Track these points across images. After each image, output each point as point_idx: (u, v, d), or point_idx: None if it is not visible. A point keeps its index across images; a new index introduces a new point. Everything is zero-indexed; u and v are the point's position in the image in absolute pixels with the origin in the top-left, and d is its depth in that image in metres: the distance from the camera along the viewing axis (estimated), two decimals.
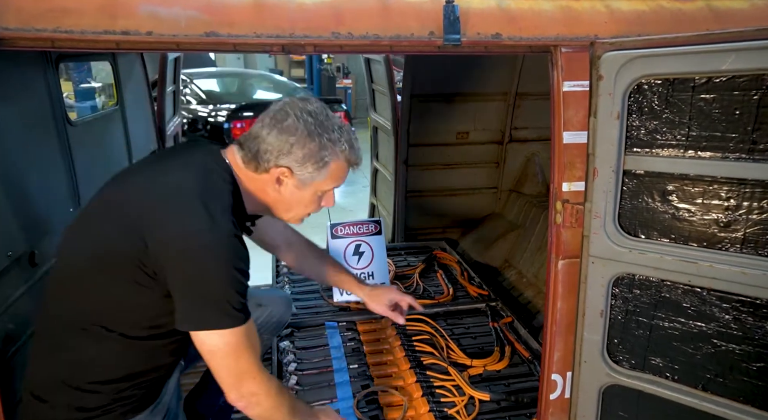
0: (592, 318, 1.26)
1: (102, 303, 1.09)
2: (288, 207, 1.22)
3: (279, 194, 1.18)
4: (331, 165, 1.16)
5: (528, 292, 2.72)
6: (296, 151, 1.12)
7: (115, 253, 1.06)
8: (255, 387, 1.10)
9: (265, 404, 1.13)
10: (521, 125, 3.23)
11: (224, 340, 1.06)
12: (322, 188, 1.19)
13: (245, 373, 1.09)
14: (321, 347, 2.06)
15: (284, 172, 1.14)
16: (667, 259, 1.10)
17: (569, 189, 1.27)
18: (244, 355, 1.08)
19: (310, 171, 1.15)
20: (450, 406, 1.71)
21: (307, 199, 1.20)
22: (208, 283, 1.03)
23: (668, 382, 1.19)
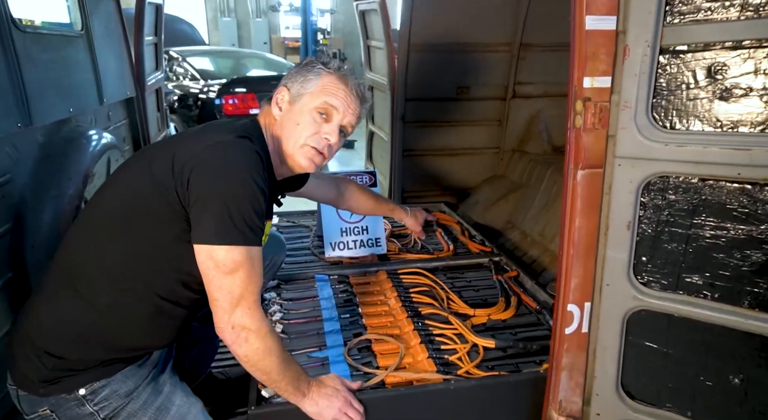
0: (618, 233, 1.09)
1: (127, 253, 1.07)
2: (286, 132, 1.20)
3: (280, 122, 1.21)
4: (323, 76, 1.19)
5: (533, 251, 2.55)
6: (293, 72, 1.23)
7: (142, 189, 1.06)
8: (248, 320, 1.05)
9: (254, 344, 1.07)
10: (525, 80, 3.05)
11: (231, 257, 1.01)
12: (314, 102, 1.18)
13: (242, 300, 1.04)
14: (310, 299, 1.89)
15: (281, 91, 1.22)
16: (711, 151, 0.93)
17: (591, 85, 1.09)
18: (246, 279, 1.04)
19: (301, 81, 1.20)
20: (451, 354, 1.54)
21: (299, 115, 1.19)
22: (228, 194, 1.00)
23: (706, 302, 1.02)
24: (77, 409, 1.06)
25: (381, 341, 1.60)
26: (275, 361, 1.11)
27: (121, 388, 1.09)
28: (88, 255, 1.09)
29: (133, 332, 1.11)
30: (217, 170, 1.02)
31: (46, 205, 1.35)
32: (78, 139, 1.55)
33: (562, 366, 1.26)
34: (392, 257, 2.28)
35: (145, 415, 1.11)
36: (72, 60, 1.67)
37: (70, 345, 1.06)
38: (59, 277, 1.10)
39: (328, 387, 1.25)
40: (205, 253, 1.02)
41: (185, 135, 1.19)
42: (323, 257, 2.26)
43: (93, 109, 1.87)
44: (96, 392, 1.07)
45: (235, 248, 1.01)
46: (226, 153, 1.05)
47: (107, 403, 1.08)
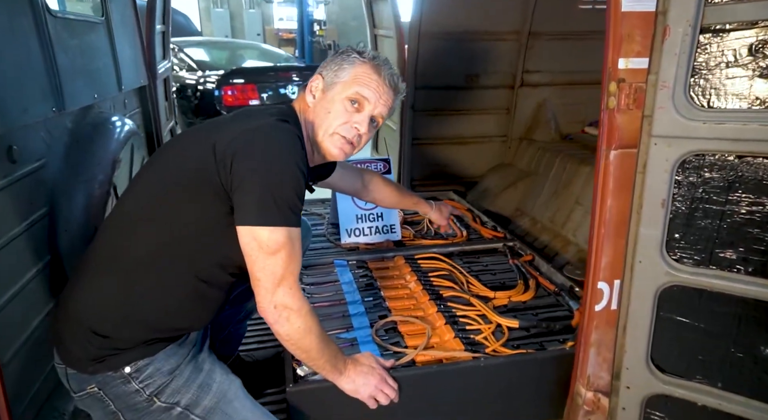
0: (651, 210, 1.12)
1: (168, 237, 1.08)
2: (319, 120, 1.22)
3: (313, 110, 1.22)
4: (357, 65, 1.20)
5: (544, 237, 2.59)
6: (328, 61, 1.25)
7: (184, 172, 1.08)
8: (289, 300, 1.07)
9: (296, 323, 1.09)
10: (533, 69, 3.07)
11: (274, 238, 1.03)
12: (347, 91, 1.20)
13: (284, 280, 1.06)
14: (331, 283, 1.91)
15: (316, 79, 1.23)
16: (751, 127, 0.96)
17: (626, 66, 1.12)
18: (287, 260, 1.05)
19: (336, 69, 1.21)
20: (476, 334, 1.57)
21: (331, 104, 1.20)
22: (272, 176, 1.02)
23: (739, 276, 1.06)
24: (123, 386, 1.08)
25: (407, 322, 1.62)
26: (315, 340, 1.13)
27: (164, 366, 1.11)
28: (129, 239, 1.10)
29: (173, 314, 1.12)
30: (260, 153, 1.03)
31: (78, 190, 1.35)
32: (104, 124, 1.55)
33: (591, 342, 1.30)
34: (407, 243, 2.31)
35: (189, 391, 1.12)
36: (95, 46, 1.66)
37: (113, 325, 1.08)
38: (102, 261, 1.11)
39: (363, 365, 1.27)
40: (249, 234, 1.03)
41: (222, 121, 1.19)
42: (339, 244, 2.28)
43: (113, 96, 1.87)
44: (140, 370, 1.09)
45: (278, 229, 1.03)
46: (269, 135, 1.06)
47: (152, 380, 1.10)
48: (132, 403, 1.10)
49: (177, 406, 1.11)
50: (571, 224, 2.49)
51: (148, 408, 1.10)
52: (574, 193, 2.54)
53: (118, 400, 1.09)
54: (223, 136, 1.06)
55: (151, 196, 1.11)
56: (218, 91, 5.82)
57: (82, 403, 1.13)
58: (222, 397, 1.15)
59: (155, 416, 1.11)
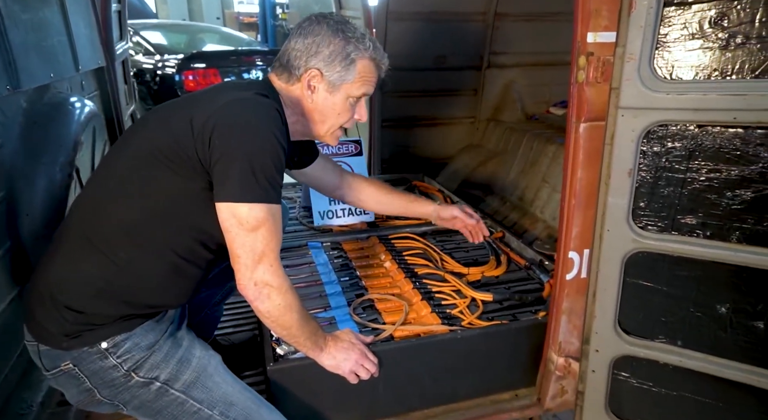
0: (619, 180, 1.16)
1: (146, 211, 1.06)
2: (322, 117, 1.21)
3: (313, 103, 1.19)
4: (359, 63, 1.17)
5: (513, 215, 2.66)
6: (322, 49, 1.15)
7: (160, 146, 1.04)
8: (269, 277, 1.06)
9: (276, 300, 1.08)
10: (500, 50, 3.11)
11: (254, 214, 1.01)
12: (353, 92, 1.19)
13: (264, 257, 1.05)
14: (306, 265, 1.91)
15: (314, 74, 1.16)
16: (710, 97, 1.01)
17: (594, 40, 1.15)
18: (267, 236, 1.04)
19: (339, 70, 1.16)
20: (452, 308, 1.61)
21: (340, 105, 1.20)
22: (252, 151, 1.00)
23: (699, 240, 1.12)
24: (100, 362, 1.06)
25: (384, 300, 1.64)
26: (295, 317, 1.13)
27: (142, 341, 1.09)
28: (106, 213, 1.06)
29: (151, 290, 1.10)
30: (239, 127, 1.01)
31: (39, 174, 1.28)
32: (63, 105, 1.47)
33: (563, 310, 1.35)
34: (380, 224, 2.32)
35: (168, 366, 1.10)
36: (49, 22, 1.56)
37: (89, 300, 1.05)
38: (77, 236, 1.07)
39: (344, 341, 1.28)
40: (228, 210, 1.02)
41: (199, 95, 1.16)
42: (313, 226, 2.26)
43: (69, 77, 1.77)
44: (118, 345, 1.06)
45: (258, 206, 1.02)
46: (247, 109, 1.03)
47: (130, 355, 1.07)
48: (108, 379, 1.07)
49: (156, 381, 1.09)
50: (538, 202, 2.57)
51: (125, 384, 1.08)
52: (541, 172, 2.60)
53: (94, 376, 1.06)
54: (201, 111, 1.04)
55: (129, 171, 1.07)
56: (179, 76, 5.61)
57: (55, 381, 1.10)
58: (202, 372, 1.13)
59: (133, 392, 1.09)
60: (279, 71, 1.20)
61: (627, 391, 1.28)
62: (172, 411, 1.11)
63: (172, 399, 1.10)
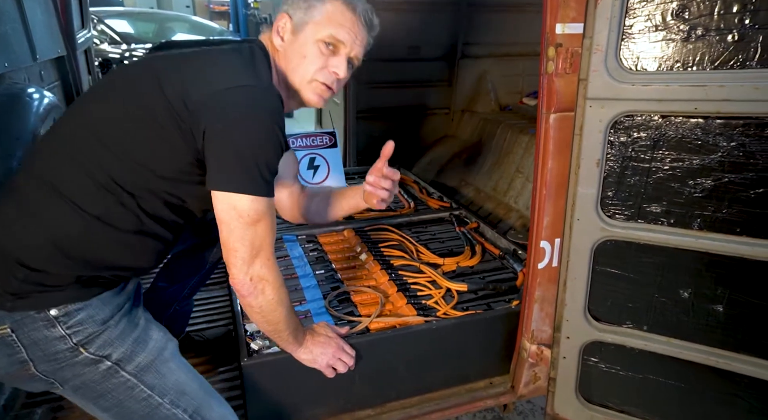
0: (587, 170, 1.19)
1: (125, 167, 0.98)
2: (291, 64, 1.12)
3: (282, 51, 1.12)
4: (328, 3, 1.09)
5: (488, 205, 2.69)
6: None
7: (149, 107, 0.97)
8: (266, 271, 1.04)
9: (269, 295, 1.06)
10: (473, 41, 3.12)
11: (254, 207, 0.97)
12: (318, 32, 1.09)
13: (262, 251, 1.02)
14: (281, 258, 1.89)
15: (282, 18, 1.11)
16: (673, 88, 1.04)
17: (563, 31, 1.16)
18: (265, 230, 1.01)
19: (303, 7, 1.09)
20: (428, 299, 1.62)
21: (306, 48, 1.09)
22: (252, 141, 0.95)
23: (663, 228, 1.15)
24: (45, 330, 0.95)
25: (359, 292, 1.64)
26: (284, 312, 1.11)
27: (97, 313, 1.00)
28: (78, 162, 0.97)
29: (115, 249, 1.01)
30: (243, 119, 0.95)
31: None
32: (20, 96, 1.40)
33: (535, 299, 1.37)
34: (356, 216, 2.31)
35: (123, 345, 1.01)
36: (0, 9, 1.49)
37: (48, 256, 0.95)
38: (39, 185, 0.98)
39: (320, 335, 1.28)
40: (228, 201, 0.97)
41: (192, 58, 1.04)
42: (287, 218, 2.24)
43: (26, 67, 1.69)
44: (70, 314, 0.96)
45: (260, 199, 0.98)
46: (251, 102, 0.96)
47: (81, 327, 0.97)
48: (51, 352, 0.96)
49: (107, 360, 0.99)
50: (512, 192, 2.60)
51: (70, 359, 0.97)
52: (514, 162, 2.64)
53: (33, 346, 0.95)
54: (197, 88, 0.96)
55: (110, 124, 0.99)
56: None
57: None
58: (158, 355, 1.05)
59: (77, 370, 0.98)
60: (266, 28, 1.15)
61: (596, 375, 1.32)
62: (118, 395, 1.01)
63: (122, 382, 1.01)
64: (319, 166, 2.36)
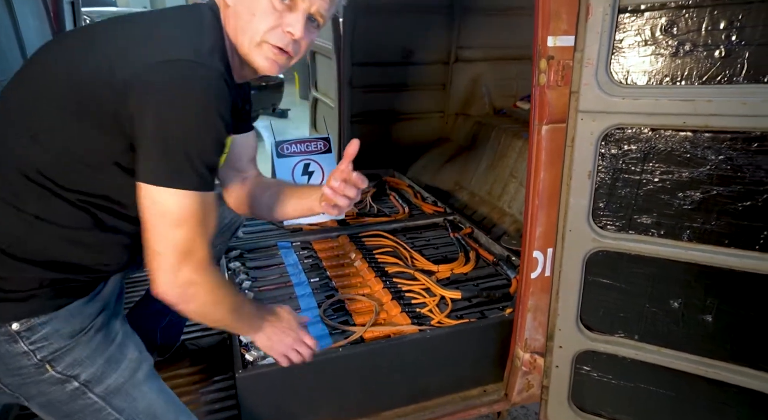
0: (579, 182, 1.19)
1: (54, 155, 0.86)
2: (240, 22, 0.93)
3: (233, 9, 0.93)
4: None
5: (482, 209, 2.69)
6: None
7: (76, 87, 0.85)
8: (196, 276, 0.89)
9: (203, 299, 0.92)
10: (466, 44, 3.12)
11: (180, 203, 0.84)
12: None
13: (190, 255, 0.87)
14: (276, 266, 1.89)
15: None
16: (661, 103, 1.04)
17: (554, 44, 1.17)
18: (196, 230, 0.86)
19: None
20: (422, 307, 1.63)
21: (261, 4, 0.91)
22: (183, 126, 0.81)
23: (653, 239, 1.16)
24: (7, 345, 0.88)
25: (354, 300, 1.64)
26: (226, 309, 0.99)
27: (64, 327, 0.91)
28: (6, 152, 0.87)
29: (70, 248, 0.90)
30: (173, 98, 0.81)
31: None
32: None
33: (528, 308, 1.38)
34: (351, 222, 2.32)
35: (92, 365, 0.93)
36: None
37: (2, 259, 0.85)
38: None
39: (282, 322, 1.15)
40: (149, 196, 0.84)
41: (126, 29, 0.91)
42: (282, 225, 2.24)
43: None
44: (33, 329, 0.88)
45: (189, 194, 0.83)
46: (184, 78, 0.82)
47: (46, 343, 0.90)
48: (14, 367, 0.89)
49: (74, 380, 0.92)
50: (506, 196, 2.61)
51: (35, 376, 0.90)
52: (508, 166, 2.64)
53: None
54: (125, 62, 0.83)
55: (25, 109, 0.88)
56: None
57: None
58: (130, 377, 0.98)
59: (42, 388, 0.91)
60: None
61: (589, 384, 1.33)
62: (85, 417, 0.95)
63: (89, 404, 0.94)
64: (314, 171, 2.35)
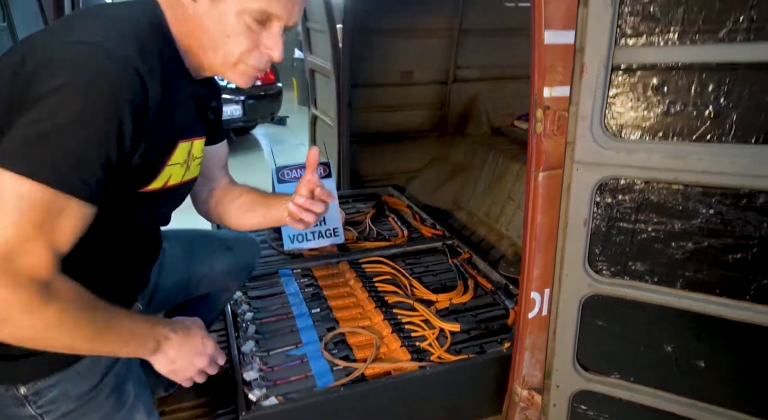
0: (575, 229, 1.22)
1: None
2: (210, 40, 0.85)
3: (198, 21, 0.83)
4: None
5: (480, 230, 2.72)
6: None
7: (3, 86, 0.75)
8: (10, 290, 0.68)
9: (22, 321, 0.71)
10: (464, 64, 3.16)
11: (17, 192, 0.67)
12: (245, 4, 0.81)
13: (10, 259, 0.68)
14: (277, 295, 1.92)
15: None
16: (654, 157, 1.08)
17: (550, 95, 1.20)
18: (29, 232, 0.69)
19: None
20: (421, 340, 1.66)
21: (230, 24, 0.83)
22: (61, 114, 0.68)
23: (647, 285, 1.19)
24: (15, 408, 0.86)
25: (355, 334, 1.67)
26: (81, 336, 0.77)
27: (72, 389, 0.88)
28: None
29: None
30: (60, 83, 0.69)
31: None
32: None
33: (526, 346, 1.41)
34: (351, 246, 2.34)
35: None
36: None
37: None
38: None
39: (192, 342, 0.96)
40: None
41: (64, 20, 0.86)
42: (283, 250, 2.27)
43: None
44: (41, 393, 0.86)
45: (33, 185, 0.68)
46: (81, 62, 0.71)
47: (54, 406, 0.87)
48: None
49: None
50: (504, 218, 2.64)
51: None
52: (506, 189, 2.67)
53: None
54: (39, 45, 0.74)
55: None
56: None
57: None
58: None
59: None
60: None
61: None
62: None
63: None
64: None
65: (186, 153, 0.95)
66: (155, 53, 0.81)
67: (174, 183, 0.94)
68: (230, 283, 1.51)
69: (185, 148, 0.94)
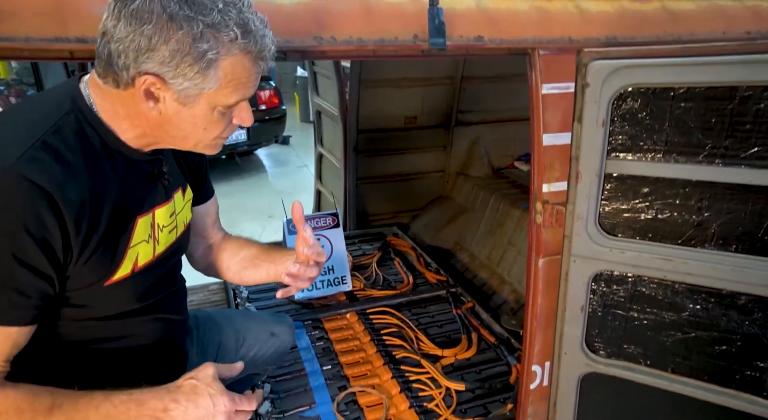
0: (573, 313, 1.32)
1: None
2: (183, 133, 0.86)
3: (161, 115, 0.82)
4: (222, 63, 0.78)
5: (482, 274, 2.82)
6: (159, 46, 0.74)
7: None
8: None
9: None
10: (466, 108, 3.27)
11: None
12: (221, 101, 0.82)
13: None
14: (291, 350, 2.01)
15: (152, 81, 0.77)
16: (644, 257, 1.18)
17: (549, 190, 1.30)
18: None
19: (191, 77, 0.77)
20: (428, 400, 1.74)
21: (203, 119, 0.83)
22: None
23: (641, 367, 1.29)
24: None
25: (365, 393, 1.76)
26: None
27: None
28: None
29: None
30: None
31: None
32: None
33: (528, 414, 1.50)
34: (358, 294, 2.44)
35: None
36: None
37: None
38: None
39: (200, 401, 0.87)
40: None
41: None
42: (293, 300, 2.36)
43: None
44: None
45: None
46: None
47: None
48: None
49: None
50: (505, 263, 2.74)
51: None
52: (507, 234, 2.78)
53: None
54: None
55: None
56: None
57: None
58: None
59: None
60: (101, 69, 0.80)
61: None
62: None
63: None
64: (323, 247, 2.47)
65: (148, 226, 0.91)
66: (75, 146, 0.80)
67: (146, 262, 0.91)
68: (268, 368, 1.60)
69: (146, 221, 0.91)
